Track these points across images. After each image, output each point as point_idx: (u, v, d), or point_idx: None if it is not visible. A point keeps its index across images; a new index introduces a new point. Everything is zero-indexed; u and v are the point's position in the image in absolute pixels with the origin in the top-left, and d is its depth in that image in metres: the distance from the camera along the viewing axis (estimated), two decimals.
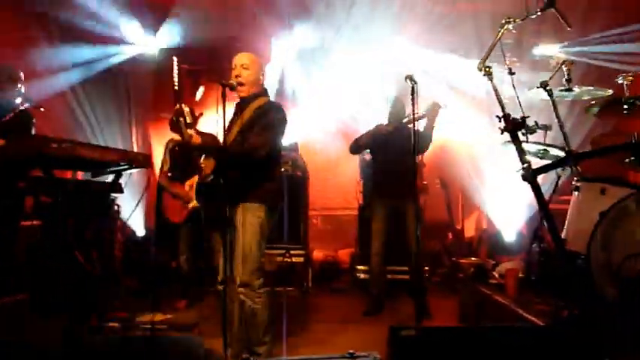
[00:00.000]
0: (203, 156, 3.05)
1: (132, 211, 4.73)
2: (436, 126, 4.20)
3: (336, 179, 6.99)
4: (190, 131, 2.90)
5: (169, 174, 4.55)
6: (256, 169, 2.85)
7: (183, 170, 4.48)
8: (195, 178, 4.30)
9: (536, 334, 1.82)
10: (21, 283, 4.04)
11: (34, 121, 3.78)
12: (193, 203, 4.38)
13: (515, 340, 1.73)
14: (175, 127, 3.00)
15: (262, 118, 2.86)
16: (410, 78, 2.97)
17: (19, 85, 3.60)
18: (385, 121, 4.45)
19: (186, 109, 2.95)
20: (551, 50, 6.00)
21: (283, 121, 2.94)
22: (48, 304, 3.66)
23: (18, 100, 3.51)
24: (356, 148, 4.52)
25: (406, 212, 4.26)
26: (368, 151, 4.68)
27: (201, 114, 4.74)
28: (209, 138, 4.35)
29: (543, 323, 2.41)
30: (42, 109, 3.57)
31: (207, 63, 6.44)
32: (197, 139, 2.89)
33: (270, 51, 6.02)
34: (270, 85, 5.81)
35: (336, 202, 6.95)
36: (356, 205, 5.72)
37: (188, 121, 2.91)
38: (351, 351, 1.79)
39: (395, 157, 4.28)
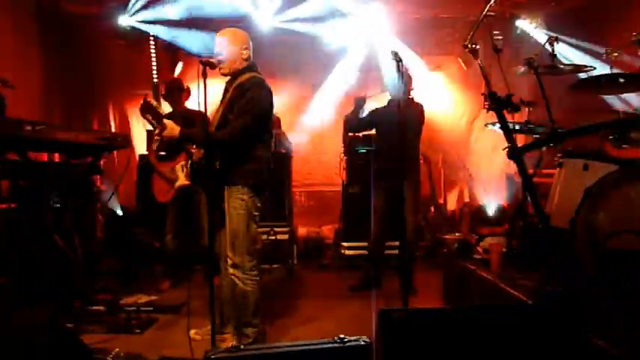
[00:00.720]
0: None
1: (112, 193, 4.63)
2: None
3: (319, 155, 6.97)
4: (166, 121, 2.74)
5: (160, 153, 4.45)
6: (236, 151, 2.80)
7: (171, 150, 4.38)
8: (183, 160, 4.26)
9: (523, 311, 1.85)
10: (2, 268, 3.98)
11: (5, 102, 3.64)
12: (181, 182, 4.30)
13: (503, 318, 1.76)
14: (147, 117, 2.84)
15: (241, 97, 2.77)
16: (395, 54, 2.91)
17: None
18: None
19: (154, 102, 2.81)
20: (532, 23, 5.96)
21: (264, 98, 2.84)
22: (30, 289, 3.60)
23: None
24: (349, 129, 4.50)
25: (406, 189, 4.22)
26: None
27: (188, 89, 4.63)
28: (198, 118, 4.25)
29: (527, 299, 2.45)
30: (13, 87, 3.41)
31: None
32: (173, 131, 2.75)
33: (250, 22, 5.85)
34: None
35: (319, 178, 6.94)
36: (339, 182, 5.71)
37: (160, 112, 2.77)
38: (341, 335, 1.79)
39: (391, 134, 4.23)
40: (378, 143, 4.54)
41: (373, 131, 4.64)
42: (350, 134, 4.79)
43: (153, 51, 6.26)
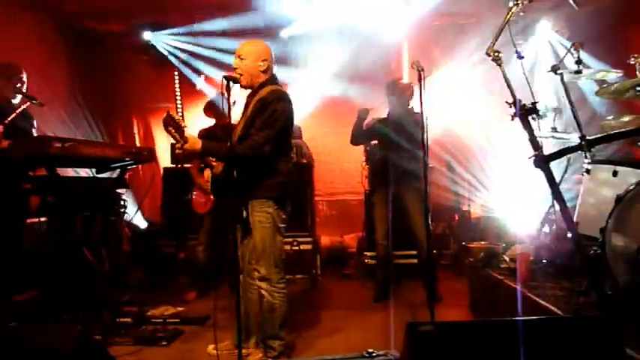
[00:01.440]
0: None
1: (138, 206, 4.70)
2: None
3: (341, 164, 6.97)
4: (188, 135, 2.72)
5: (201, 165, 4.52)
6: (259, 164, 2.81)
7: (188, 162, 4.45)
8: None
9: (557, 324, 1.79)
10: (30, 281, 4.07)
11: (34, 121, 3.75)
12: None
13: (536, 332, 1.71)
14: (169, 130, 2.85)
15: (263, 111, 2.78)
16: (416, 65, 2.91)
17: (19, 84, 3.54)
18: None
19: (175, 116, 2.82)
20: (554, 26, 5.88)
21: (285, 112, 2.83)
22: (60, 301, 3.67)
23: (18, 99, 3.46)
24: (355, 140, 4.52)
25: (408, 198, 4.25)
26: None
27: (234, 103, 4.72)
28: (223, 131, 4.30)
29: (558, 310, 2.39)
30: (43, 105, 3.51)
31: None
32: (194, 145, 2.75)
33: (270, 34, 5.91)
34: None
35: (341, 187, 6.93)
36: (361, 190, 5.69)
37: (183, 125, 2.79)
38: (369, 350, 1.77)
39: (395, 143, 4.28)
40: (380, 153, 4.54)
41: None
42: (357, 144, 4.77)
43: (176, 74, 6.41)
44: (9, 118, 3.17)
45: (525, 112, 2.52)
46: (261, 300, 2.89)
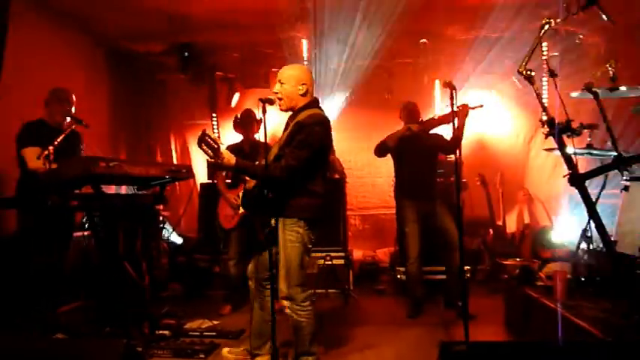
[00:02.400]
0: None
1: (178, 220, 4.84)
2: (466, 128, 4.12)
3: (373, 179, 6.99)
4: (223, 151, 2.79)
5: (228, 180, 4.65)
6: (292, 185, 2.86)
7: (237, 177, 4.56)
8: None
9: (597, 349, 1.76)
10: (74, 294, 4.25)
11: (82, 141, 3.95)
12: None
13: (572, 357, 1.69)
14: (203, 148, 2.93)
15: (299, 133, 2.84)
16: (449, 84, 2.94)
17: (69, 107, 3.74)
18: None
19: (212, 134, 2.90)
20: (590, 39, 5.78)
21: (321, 134, 2.88)
22: (103, 313, 3.82)
23: (66, 121, 3.66)
24: (382, 150, 4.53)
25: (437, 213, 4.25)
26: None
27: (260, 120, 4.84)
28: (262, 149, 4.41)
29: (598, 332, 2.35)
30: (88, 127, 3.70)
31: (240, 69, 6.52)
32: (229, 161, 2.81)
33: (302, 55, 6.03)
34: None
35: (373, 201, 6.95)
36: (393, 204, 5.69)
37: (219, 143, 2.87)
38: None
39: (418, 159, 4.31)
40: (398, 169, 4.56)
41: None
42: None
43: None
44: (58, 140, 3.35)
45: (559, 130, 2.51)
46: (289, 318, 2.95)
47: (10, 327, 3.51)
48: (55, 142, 3.29)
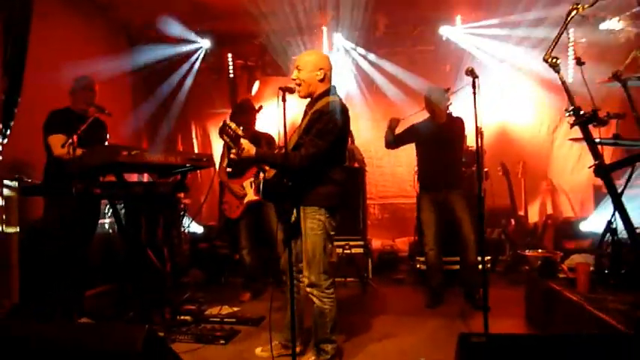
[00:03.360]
0: None
1: (199, 208, 4.90)
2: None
3: (393, 168, 6.95)
4: (243, 142, 2.82)
5: (228, 170, 4.67)
6: (314, 172, 2.87)
7: (238, 167, 4.60)
8: (251, 177, 4.44)
9: (619, 342, 1.73)
10: (99, 278, 4.36)
11: (107, 130, 4.01)
12: (250, 198, 4.50)
13: (594, 350, 1.66)
14: (224, 138, 2.94)
15: (319, 122, 2.84)
16: (471, 72, 2.89)
17: (92, 95, 3.80)
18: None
19: (233, 125, 2.92)
20: (620, 24, 5.59)
21: (340, 124, 2.88)
22: (125, 298, 3.91)
23: (91, 110, 3.71)
24: (387, 146, 4.47)
25: (455, 206, 4.22)
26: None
27: (261, 108, 4.83)
28: (264, 140, 4.44)
29: (621, 325, 2.31)
30: (111, 115, 3.75)
31: (260, 57, 6.52)
32: (250, 152, 2.83)
33: (323, 42, 6.00)
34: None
35: (393, 190, 6.92)
36: (413, 194, 5.65)
37: (239, 133, 2.88)
38: (422, 359, 1.79)
39: (436, 149, 4.26)
40: (420, 159, 4.49)
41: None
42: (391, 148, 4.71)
43: (231, 70, 6.61)
44: (82, 128, 3.41)
45: (585, 120, 2.45)
46: (311, 305, 2.97)
47: (36, 311, 3.62)
48: (79, 130, 3.34)
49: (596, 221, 5.18)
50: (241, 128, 2.90)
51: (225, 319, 3.94)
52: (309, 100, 3.02)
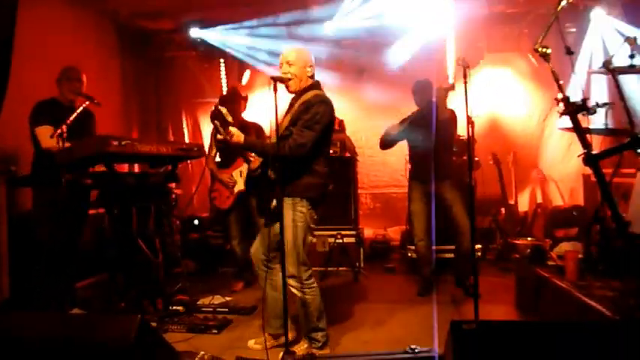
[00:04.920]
0: None
1: (190, 198, 4.88)
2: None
3: (384, 157, 6.95)
4: (232, 129, 2.86)
5: (216, 160, 4.67)
6: (298, 164, 2.89)
7: (227, 156, 4.59)
8: (240, 166, 4.44)
9: (607, 329, 1.76)
10: (90, 270, 4.34)
11: (95, 120, 3.97)
12: (239, 188, 4.50)
13: (583, 336, 1.69)
14: (215, 123, 2.97)
15: (306, 112, 2.86)
16: (461, 61, 2.89)
17: (79, 85, 3.75)
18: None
19: (224, 110, 2.94)
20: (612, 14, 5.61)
21: (326, 115, 2.90)
22: (117, 289, 3.90)
23: (78, 100, 3.67)
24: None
25: (447, 195, 4.24)
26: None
27: (246, 97, 4.82)
28: (253, 130, 4.43)
29: (608, 311, 2.35)
30: (100, 105, 3.71)
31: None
32: (239, 138, 2.87)
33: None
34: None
35: (385, 180, 6.94)
36: (405, 183, 5.66)
37: (229, 120, 2.91)
38: (412, 346, 1.82)
39: (429, 140, 4.25)
40: (413, 149, 4.48)
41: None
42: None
43: (222, 62, 6.56)
44: (70, 118, 3.37)
45: (574, 109, 2.47)
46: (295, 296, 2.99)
47: (27, 303, 3.60)
48: (68, 121, 3.31)
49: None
50: (225, 111, 2.93)
51: (218, 308, 3.95)
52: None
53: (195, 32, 6.30)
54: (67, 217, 3.66)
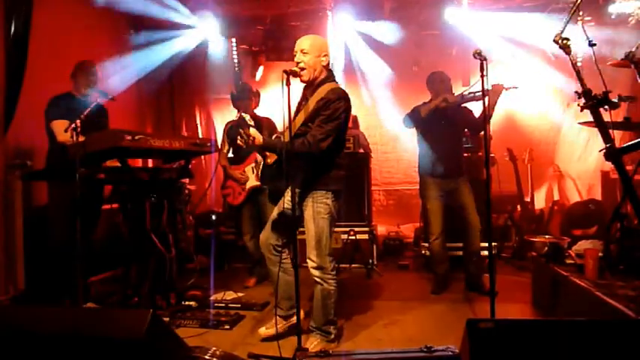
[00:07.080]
0: None
1: (203, 194, 4.89)
2: (496, 107, 3.97)
3: (398, 153, 6.91)
4: (252, 131, 2.84)
5: (229, 156, 4.66)
6: (321, 158, 2.89)
7: (238, 152, 4.57)
8: (252, 162, 4.43)
9: (628, 328, 1.70)
10: (103, 264, 4.37)
11: (107, 114, 3.98)
12: (252, 183, 4.49)
13: (602, 335, 1.64)
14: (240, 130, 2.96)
15: (324, 109, 2.85)
16: (478, 54, 2.83)
17: (94, 79, 3.76)
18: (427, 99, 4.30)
19: (247, 116, 2.96)
20: (630, 6, 5.48)
21: (344, 109, 2.89)
22: (130, 284, 3.91)
23: (93, 95, 3.67)
24: (414, 120, 4.23)
25: (460, 192, 4.17)
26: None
27: (258, 93, 4.80)
28: (265, 125, 4.40)
29: (629, 311, 2.28)
30: (114, 100, 3.71)
31: (264, 43, 6.45)
32: (259, 140, 2.86)
33: (327, 26, 5.91)
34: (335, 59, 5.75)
35: (398, 176, 6.89)
36: (418, 180, 5.61)
37: (251, 124, 2.92)
38: (428, 345, 1.78)
39: (446, 134, 4.19)
40: (427, 144, 4.28)
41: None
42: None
43: (235, 56, 6.54)
44: (84, 113, 3.37)
45: (596, 103, 2.40)
46: (316, 288, 3.00)
47: (42, 295, 3.62)
48: (82, 116, 3.31)
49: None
50: (248, 117, 2.95)
51: (230, 304, 3.94)
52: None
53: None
54: (82, 212, 3.67)
